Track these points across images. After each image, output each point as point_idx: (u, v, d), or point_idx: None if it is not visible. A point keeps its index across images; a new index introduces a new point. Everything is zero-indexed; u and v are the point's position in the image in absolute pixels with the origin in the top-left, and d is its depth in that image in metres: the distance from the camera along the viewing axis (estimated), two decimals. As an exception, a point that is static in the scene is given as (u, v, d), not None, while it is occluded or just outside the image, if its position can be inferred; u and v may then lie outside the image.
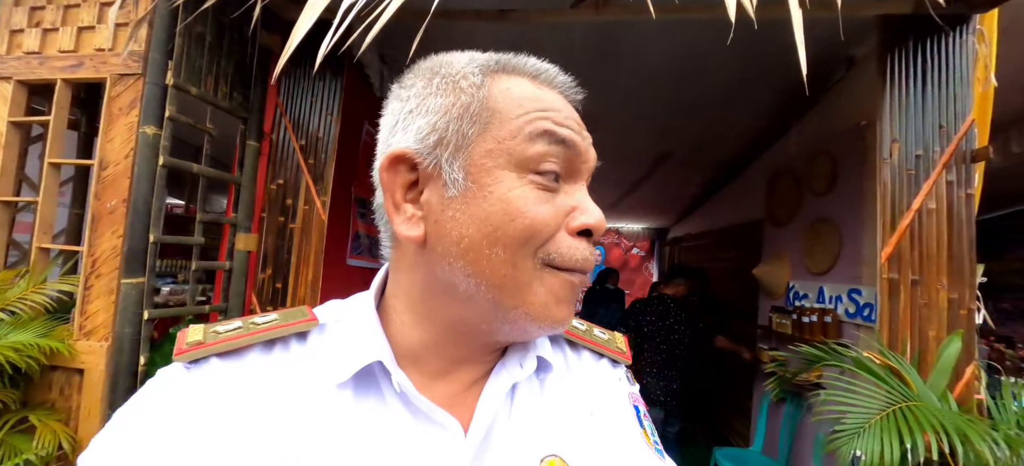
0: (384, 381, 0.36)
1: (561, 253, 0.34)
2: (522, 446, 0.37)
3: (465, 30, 1.93)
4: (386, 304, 0.40)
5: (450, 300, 0.35)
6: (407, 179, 0.36)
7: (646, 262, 6.53)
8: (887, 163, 1.51)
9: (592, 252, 0.37)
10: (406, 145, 0.35)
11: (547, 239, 0.34)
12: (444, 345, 0.37)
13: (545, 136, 0.34)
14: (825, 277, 2.15)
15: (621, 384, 0.45)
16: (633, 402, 0.44)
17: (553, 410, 0.40)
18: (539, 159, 0.34)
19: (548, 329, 0.36)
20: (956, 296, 1.42)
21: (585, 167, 0.37)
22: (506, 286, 0.33)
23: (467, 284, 0.34)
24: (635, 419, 0.43)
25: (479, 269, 0.33)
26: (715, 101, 2.48)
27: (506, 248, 0.33)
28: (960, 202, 1.47)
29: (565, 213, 0.35)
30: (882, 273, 1.45)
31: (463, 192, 0.33)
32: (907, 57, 1.54)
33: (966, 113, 1.51)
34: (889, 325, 1.44)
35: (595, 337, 0.47)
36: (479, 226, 0.33)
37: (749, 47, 1.77)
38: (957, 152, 1.48)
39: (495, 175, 0.33)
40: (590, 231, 0.36)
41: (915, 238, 1.47)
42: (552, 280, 0.34)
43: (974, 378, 1.37)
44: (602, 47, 2.12)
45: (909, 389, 1.05)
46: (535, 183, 0.34)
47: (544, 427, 0.38)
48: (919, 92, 1.52)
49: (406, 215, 0.36)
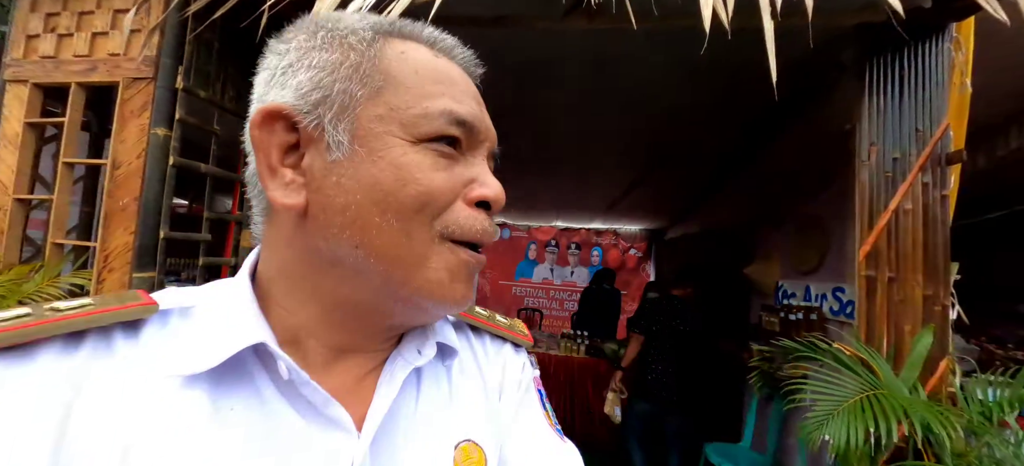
0: (260, 373, 0.31)
1: (459, 224, 0.32)
2: (432, 435, 0.35)
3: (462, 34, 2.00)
4: (259, 287, 0.35)
5: (336, 277, 0.32)
6: (285, 140, 0.32)
7: (643, 263, 6.59)
8: (866, 165, 1.57)
9: (492, 225, 0.35)
10: (284, 101, 0.31)
11: (444, 208, 0.32)
12: (330, 330, 0.34)
13: (444, 116, 0.32)
14: (812, 276, 2.21)
15: (525, 369, 0.45)
16: (537, 386, 0.45)
17: (462, 396, 0.39)
18: (436, 133, 0.31)
19: (446, 308, 0.34)
20: (931, 293, 1.48)
21: (485, 145, 0.35)
22: (399, 259, 0.31)
23: (355, 258, 0.31)
24: (539, 403, 0.43)
25: (368, 240, 0.30)
26: (708, 106, 2.54)
27: (399, 216, 0.30)
28: (935, 203, 1.53)
29: (463, 183, 0.33)
30: (860, 271, 1.51)
31: (349, 156, 0.30)
32: (886, 64, 1.61)
33: (942, 118, 1.57)
34: (867, 320, 1.50)
35: (498, 322, 0.46)
36: (368, 192, 0.30)
37: (741, 54, 1.83)
38: (933, 155, 1.55)
39: (386, 141, 0.31)
40: (489, 204, 0.34)
41: (892, 237, 1.53)
42: (450, 255, 0.32)
43: (948, 371, 1.43)
44: (597, 52, 2.18)
45: (879, 380, 1.11)
46: (431, 150, 0.31)
47: (455, 414, 0.37)
48: (897, 97, 1.59)
49: (284, 181, 0.32)
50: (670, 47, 2.07)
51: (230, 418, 0.29)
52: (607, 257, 6.60)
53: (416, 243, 0.31)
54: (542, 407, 0.43)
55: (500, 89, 2.41)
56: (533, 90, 2.37)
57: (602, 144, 3.13)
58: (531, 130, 2.90)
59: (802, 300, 2.24)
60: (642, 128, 2.91)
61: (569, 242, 6.77)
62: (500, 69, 2.23)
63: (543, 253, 6.81)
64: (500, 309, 2.91)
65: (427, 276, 0.32)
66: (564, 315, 6.43)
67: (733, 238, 3.60)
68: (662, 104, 2.59)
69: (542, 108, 2.55)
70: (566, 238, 6.77)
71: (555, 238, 6.78)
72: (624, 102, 2.53)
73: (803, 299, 2.24)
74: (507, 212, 6.55)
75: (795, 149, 2.50)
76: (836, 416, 0.98)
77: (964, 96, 1.66)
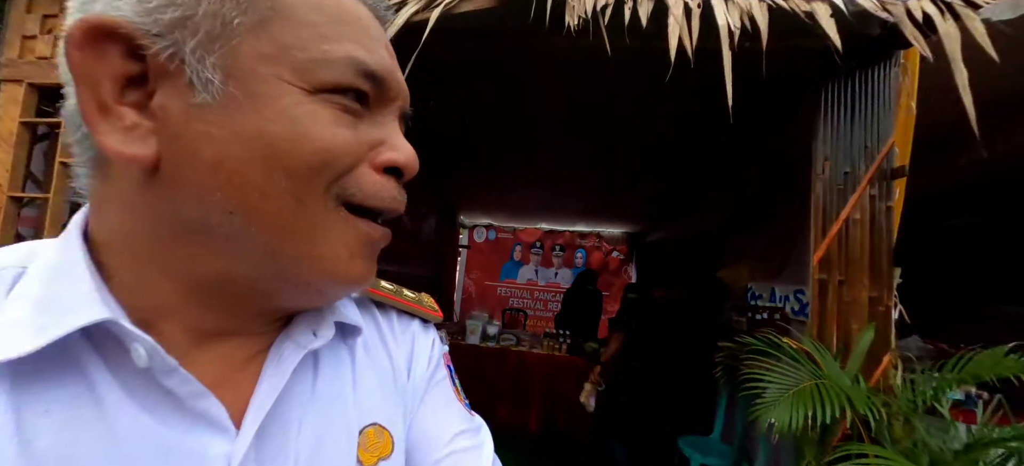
0: (93, 363, 0.25)
1: (364, 190, 0.28)
2: (333, 423, 0.32)
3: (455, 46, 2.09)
4: (92, 253, 0.27)
5: (201, 249, 0.26)
6: (122, 70, 0.25)
7: (626, 265, 6.77)
8: (820, 178, 1.72)
9: (402, 194, 0.31)
10: (120, 14, 0.24)
11: (345, 172, 0.27)
12: (191, 312, 0.28)
13: (350, 65, 0.27)
14: (777, 279, 2.37)
15: (435, 346, 0.43)
16: (446, 362, 0.43)
17: (367, 378, 0.35)
18: (338, 83, 0.27)
19: (343, 289, 0.31)
20: (876, 294, 1.64)
21: (396, 103, 0.31)
22: (288, 229, 0.26)
23: (229, 226, 0.25)
24: (449, 379, 0.42)
25: (248, 205, 0.25)
26: (685, 119, 2.69)
27: (290, 177, 0.25)
28: (881, 213, 1.69)
29: (370, 145, 0.29)
30: (814, 274, 1.66)
31: (223, 100, 0.24)
32: (840, 87, 1.77)
33: (888, 136, 1.73)
34: (819, 319, 1.65)
35: (405, 297, 0.42)
36: (249, 146, 0.25)
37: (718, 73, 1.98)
38: (879, 170, 1.71)
39: (273, 86, 0.25)
40: (400, 170, 0.30)
41: (842, 244, 1.68)
42: (348, 227, 0.28)
43: (890, 365, 1.59)
44: (584, 65, 2.31)
45: (822, 371, 1.25)
46: (333, 103, 0.27)
47: (359, 397, 0.34)
48: (849, 117, 1.75)
49: (122, 124, 0.25)
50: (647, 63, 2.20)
51: (39, 428, 0.23)
52: (590, 259, 6.76)
53: (309, 210, 0.26)
54: (452, 383, 0.42)
55: (491, 99, 2.51)
56: (520, 97, 2.48)
57: (585, 151, 3.25)
58: (518, 135, 3.01)
59: (768, 301, 2.40)
60: (624, 138, 3.05)
61: (553, 244, 6.90)
62: (490, 77, 2.33)
63: (528, 255, 6.93)
64: (486, 309, 3.12)
65: (321, 251, 0.27)
66: (548, 315, 6.55)
67: (709, 243, 3.77)
68: (641, 115, 2.73)
69: (528, 114, 2.66)
70: (551, 240, 6.91)
71: (540, 240, 6.91)
72: (605, 113, 2.66)
73: (769, 300, 2.40)
74: (493, 214, 6.65)
75: (764, 161, 2.66)
76: (781, 402, 1.11)
77: (909, 117, 1.83)
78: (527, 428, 3.54)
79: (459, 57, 2.15)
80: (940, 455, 1.27)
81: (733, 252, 2.99)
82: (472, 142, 3.24)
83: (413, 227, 4.32)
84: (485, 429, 0.42)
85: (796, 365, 1.23)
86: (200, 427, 0.26)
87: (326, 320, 0.33)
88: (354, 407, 0.33)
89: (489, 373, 3.67)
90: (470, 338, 3.80)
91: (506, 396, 3.61)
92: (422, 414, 0.38)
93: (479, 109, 2.66)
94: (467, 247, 6.94)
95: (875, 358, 1.56)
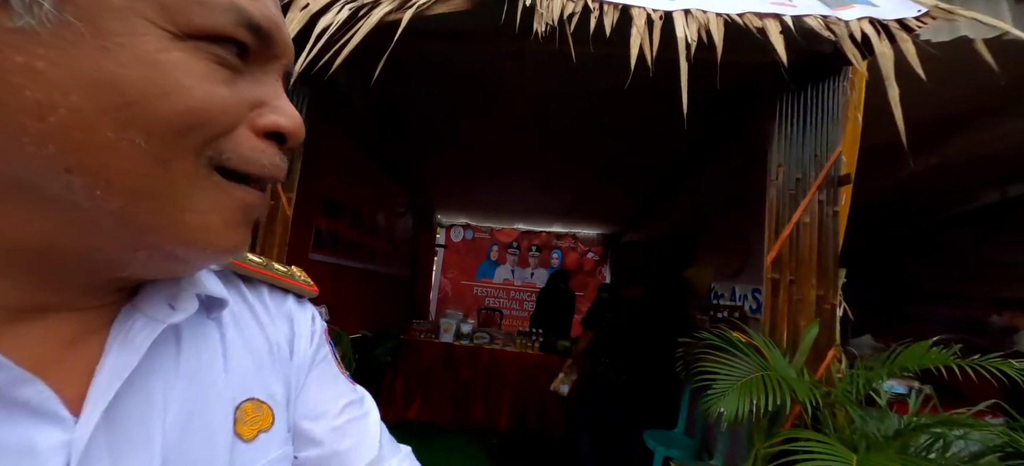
0: None
1: (241, 154, 0.25)
2: (206, 398, 0.30)
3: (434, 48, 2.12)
4: None
5: (20, 210, 0.22)
6: None
7: (600, 266, 6.90)
8: (774, 183, 1.83)
9: (284, 161, 0.28)
10: None
11: (220, 134, 0.24)
12: (4, 284, 0.24)
13: (230, 11, 0.24)
14: (737, 279, 2.49)
15: (316, 321, 0.41)
16: (326, 338, 0.42)
17: (239, 352, 0.33)
18: (215, 30, 0.23)
19: (213, 260, 0.28)
20: (822, 293, 1.76)
21: (280, 62, 0.28)
22: (148, 193, 0.23)
23: (64, 187, 0.21)
24: (331, 354, 0.42)
25: (95, 164, 0.21)
26: (654, 125, 2.79)
27: (150, 137, 0.22)
28: (828, 218, 1.81)
29: (250, 105, 0.26)
30: (767, 274, 1.77)
31: (56, 29, 0.20)
32: (793, 98, 1.88)
33: (836, 146, 1.85)
34: (771, 316, 1.75)
35: (275, 270, 0.39)
36: (96, 94, 0.21)
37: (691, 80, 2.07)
38: (827, 177, 1.83)
39: (130, 22, 0.21)
40: (284, 136, 0.27)
41: (793, 246, 1.80)
42: (222, 193, 0.25)
43: (834, 359, 1.71)
44: (556, 68, 2.37)
45: (769, 363, 1.34)
46: (207, 53, 0.23)
47: (232, 372, 0.32)
48: (801, 126, 1.86)
49: None
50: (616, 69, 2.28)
51: None
52: (566, 260, 6.86)
53: (175, 175, 0.23)
54: (334, 357, 0.42)
55: (466, 100, 2.54)
56: (495, 98, 2.52)
57: (559, 153, 3.32)
58: (494, 136, 3.05)
59: (729, 300, 2.52)
60: (596, 141, 3.13)
61: (530, 244, 6.97)
62: (466, 82, 2.37)
63: (505, 254, 6.98)
64: (462, 308, 3.16)
65: (190, 220, 0.24)
66: (524, 315, 6.62)
67: (678, 244, 3.91)
68: (613, 120, 2.81)
69: (503, 115, 2.70)
70: (527, 240, 6.98)
71: (516, 240, 6.97)
72: (577, 117, 2.73)
73: (730, 299, 2.52)
74: (470, 214, 6.68)
75: (727, 167, 2.79)
76: (730, 393, 1.19)
77: (856, 128, 1.96)
78: (498, 426, 3.58)
79: (434, 57, 2.18)
80: (875, 441, 1.38)
81: (700, 253, 3.11)
82: (449, 141, 3.26)
83: (388, 224, 4.30)
84: (369, 398, 0.43)
85: (747, 358, 1.31)
86: (19, 417, 0.22)
87: (186, 292, 0.29)
88: (227, 383, 0.31)
89: (462, 371, 3.70)
90: (444, 336, 3.82)
91: (478, 394, 3.65)
92: (309, 389, 0.38)
93: (455, 108, 2.69)
94: (444, 246, 6.93)
95: (821, 353, 1.68)
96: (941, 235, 3.20)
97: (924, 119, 2.27)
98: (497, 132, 2.98)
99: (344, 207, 3.09)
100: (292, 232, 1.92)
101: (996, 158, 2.45)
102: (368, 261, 3.71)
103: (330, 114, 2.61)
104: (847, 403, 1.24)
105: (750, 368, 1.30)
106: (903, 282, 3.72)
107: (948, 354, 1.27)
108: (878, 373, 1.39)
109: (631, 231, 6.10)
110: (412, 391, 3.64)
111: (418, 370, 3.67)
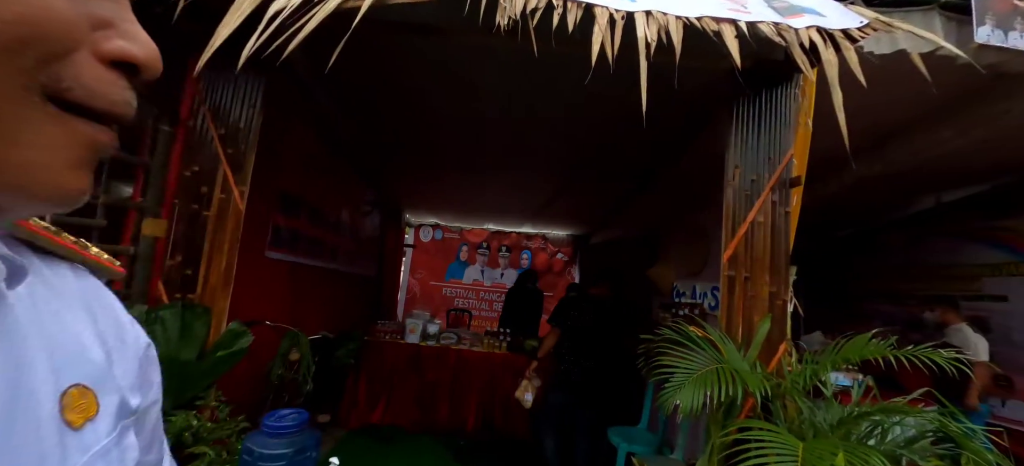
0: None
1: (84, 84, 0.21)
2: (22, 387, 0.25)
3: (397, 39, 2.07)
4: None
5: None
6: None
7: (570, 267, 6.97)
8: (731, 185, 1.90)
9: (134, 98, 0.24)
10: None
11: (58, 56, 0.20)
12: None
13: None
14: (698, 278, 2.57)
15: (117, 301, 0.36)
16: (131, 321, 0.37)
17: (53, 331, 0.28)
18: None
19: (44, 205, 0.23)
20: (775, 290, 1.83)
21: None
22: None
23: None
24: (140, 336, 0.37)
25: None
26: (620, 127, 2.84)
27: None
28: (781, 218, 1.88)
29: (93, 24, 0.22)
30: (724, 271, 1.82)
31: None
32: (749, 103, 1.95)
33: (788, 149, 1.94)
34: (728, 312, 1.81)
35: (66, 239, 0.33)
36: None
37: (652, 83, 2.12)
38: (780, 179, 1.91)
39: None
40: (136, 67, 0.23)
41: (748, 244, 1.86)
42: (64, 128, 0.21)
43: (786, 352, 1.78)
44: (523, 67, 2.37)
45: (723, 357, 1.38)
46: None
47: (51, 354, 0.27)
48: (756, 130, 1.93)
49: None
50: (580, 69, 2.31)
51: None
52: (536, 260, 6.89)
53: (3, 101, 0.19)
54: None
55: (435, 96, 2.50)
56: (465, 100, 2.50)
57: (529, 154, 3.33)
58: (462, 133, 3.02)
59: (690, 298, 2.59)
60: (566, 142, 3.16)
61: (500, 245, 6.96)
62: (434, 78, 2.33)
63: (474, 255, 6.94)
64: (429, 309, 3.10)
65: (23, 157, 0.20)
66: (493, 316, 6.60)
67: (643, 244, 3.99)
68: (583, 122, 2.84)
69: (471, 113, 2.68)
70: (497, 241, 6.97)
71: (486, 241, 6.94)
72: (547, 118, 2.75)
73: (691, 297, 2.59)
74: (440, 214, 6.60)
75: (688, 169, 2.87)
76: (686, 385, 1.22)
77: (807, 132, 2.06)
78: (465, 427, 3.54)
79: (401, 51, 2.13)
80: (821, 429, 1.45)
81: (663, 252, 3.19)
82: (417, 138, 3.21)
83: (353, 223, 4.18)
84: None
85: (703, 352, 1.34)
86: None
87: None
88: (47, 367, 0.26)
89: (428, 373, 3.64)
90: (409, 337, 3.74)
91: (445, 395, 3.60)
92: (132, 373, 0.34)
93: (424, 105, 2.65)
94: (412, 246, 6.82)
95: (773, 347, 1.75)
96: (883, 237, 3.42)
97: (867, 126, 2.41)
98: (466, 131, 2.96)
99: (304, 203, 2.98)
100: (245, 228, 1.82)
101: (932, 165, 2.64)
102: (330, 260, 3.59)
103: (290, 105, 2.51)
104: (795, 394, 1.29)
105: (706, 362, 1.33)
106: (851, 281, 3.95)
107: (885, 346, 1.34)
108: (823, 365, 1.45)
109: (601, 232, 6.20)
110: (376, 394, 3.55)
111: (383, 372, 3.58)
